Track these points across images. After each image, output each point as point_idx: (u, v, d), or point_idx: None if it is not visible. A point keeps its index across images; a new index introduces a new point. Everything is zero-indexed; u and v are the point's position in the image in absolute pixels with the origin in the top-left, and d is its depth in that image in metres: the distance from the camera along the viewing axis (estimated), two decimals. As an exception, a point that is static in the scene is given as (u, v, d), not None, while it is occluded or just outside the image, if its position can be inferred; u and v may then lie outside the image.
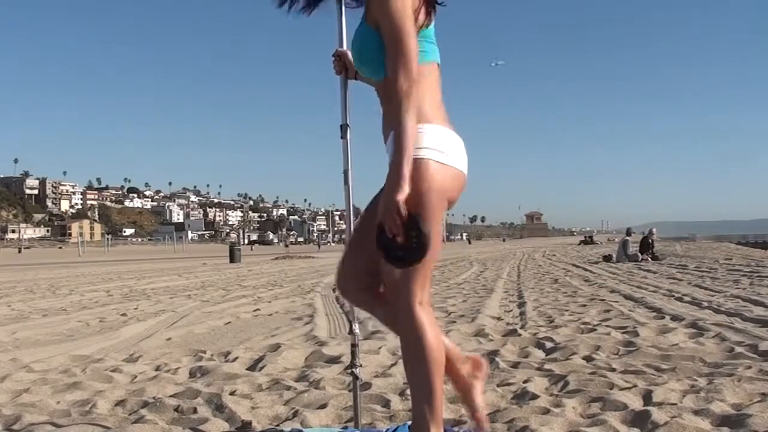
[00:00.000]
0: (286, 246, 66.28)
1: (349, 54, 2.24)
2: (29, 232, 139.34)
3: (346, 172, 2.20)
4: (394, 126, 1.76)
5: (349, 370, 2.27)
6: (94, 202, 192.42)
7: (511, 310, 6.29)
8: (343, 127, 2.22)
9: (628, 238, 16.75)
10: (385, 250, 1.77)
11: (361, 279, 1.96)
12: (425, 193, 1.76)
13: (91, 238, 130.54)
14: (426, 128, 1.82)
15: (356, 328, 2.22)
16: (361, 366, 2.24)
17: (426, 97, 1.87)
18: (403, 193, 1.70)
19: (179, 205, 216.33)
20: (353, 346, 2.21)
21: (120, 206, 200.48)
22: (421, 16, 1.83)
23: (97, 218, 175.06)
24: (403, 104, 1.75)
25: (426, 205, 1.76)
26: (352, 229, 2.19)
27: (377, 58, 1.84)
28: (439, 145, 1.82)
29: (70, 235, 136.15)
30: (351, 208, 2.28)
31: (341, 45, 2.29)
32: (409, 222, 1.72)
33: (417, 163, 1.77)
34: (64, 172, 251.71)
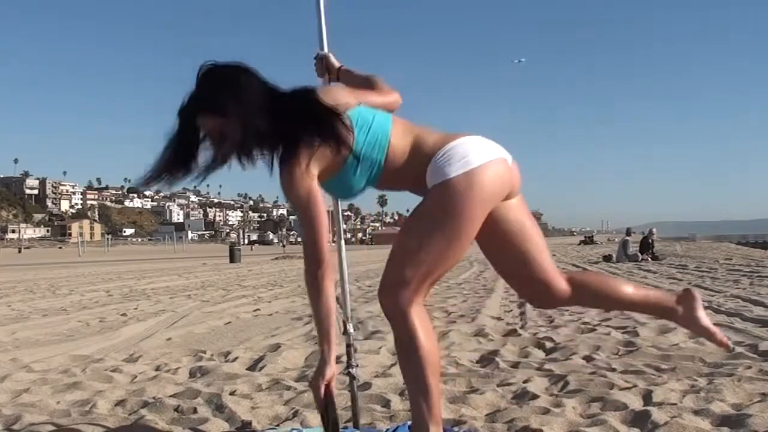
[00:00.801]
0: (283, 246, 66.33)
1: (331, 57, 2.27)
2: (29, 232, 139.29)
3: None
4: (311, 307, 1.86)
5: (346, 371, 2.27)
6: (94, 202, 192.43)
7: (511, 310, 6.29)
8: None
9: (628, 238, 16.76)
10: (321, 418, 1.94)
11: (531, 279, 1.98)
12: (464, 212, 1.77)
13: (91, 238, 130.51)
14: (455, 143, 1.83)
15: (350, 328, 2.22)
16: (357, 366, 2.24)
17: (422, 135, 1.88)
18: (324, 378, 1.86)
19: (179, 205, 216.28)
20: (348, 346, 2.21)
21: (120, 206, 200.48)
22: (340, 157, 1.81)
23: (97, 218, 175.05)
24: (315, 287, 1.82)
25: (459, 224, 1.77)
26: (342, 229, 2.32)
27: (344, 192, 1.93)
28: (475, 150, 1.82)
29: (70, 235, 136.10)
30: (340, 210, 2.30)
31: (322, 48, 2.30)
32: (325, 405, 1.89)
33: (468, 175, 1.77)
34: (64, 172, 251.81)
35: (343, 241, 2.34)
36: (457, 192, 1.77)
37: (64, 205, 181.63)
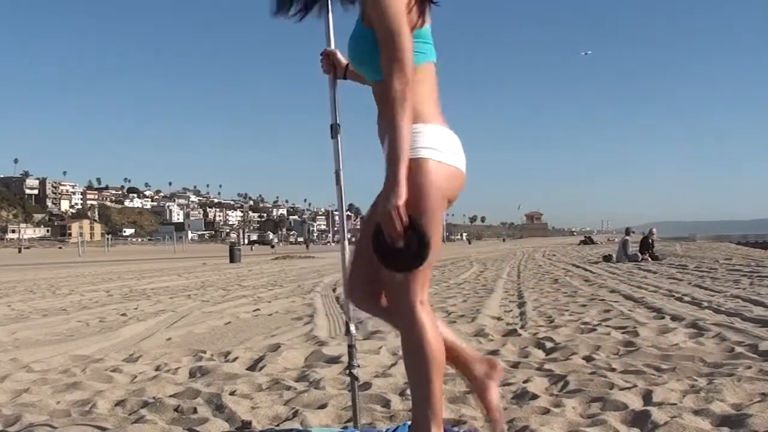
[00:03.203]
0: (272, 246, 66.46)
1: (338, 53, 2.25)
2: (29, 232, 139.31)
3: (338, 173, 2.20)
4: (388, 129, 1.75)
5: (348, 371, 2.27)
6: (94, 202, 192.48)
7: (511, 310, 6.28)
8: (334, 127, 2.21)
9: (627, 237, 16.75)
10: (385, 255, 1.74)
11: (371, 285, 1.95)
12: (426, 193, 1.77)
13: (91, 238, 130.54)
14: (424, 128, 1.83)
15: (353, 328, 2.22)
16: (358, 366, 2.24)
17: (424, 97, 1.87)
18: (402, 198, 1.69)
19: (179, 205, 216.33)
20: (350, 346, 2.21)
21: (120, 206, 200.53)
22: (415, 16, 1.82)
23: (97, 218, 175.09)
24: (398, 107, 1.73)
25: (427, 205, 1.76)
26: (346, 229, 2.23)
27: (374, 59, 1.83)
28: (438, 144, 1.82)
29: (70, 235, 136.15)
30: (344, 209, 2.29)
31: (329, 44, 2.29)
32: (410, 227, 1.70)
33: (417, 162, 1.77)
34: (64, 172, 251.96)
35: (346, 241, 2.34)
36: (414, 174, 1.75)
37: (64, 205, 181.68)
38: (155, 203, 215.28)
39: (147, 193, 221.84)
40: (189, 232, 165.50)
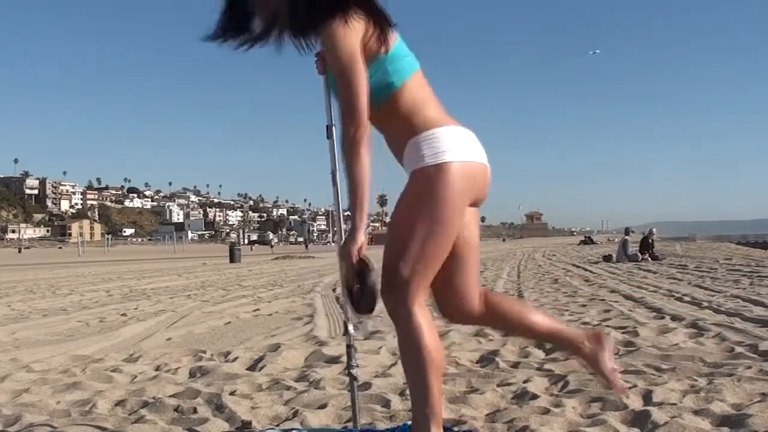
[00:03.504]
0: (271, 246, 66.75)
1: None
2: (29, 232, 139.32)
3: (333, 173, 2.20)
4: (347, 175, 1.78)
5: (347, 371, 2.27)
6: (94, 202, 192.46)
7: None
8: (329, 128, 2.21)
9: (627, 237, 16.74)
10: (348, 294, 1.84)
11: (452, 290, 1.97)
12: (443, 203, 1.77)
13: (91, 238, 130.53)
14: (440, 131, 1.83)
15: (351, 328, 2.22)
16: (357, 366, 2.24)
17: (426, 103, 1.87)
18: (356, 245, 1.76)
19: (179, 205, 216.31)
20: (349, 347, 2.21)
21: (120, 206, 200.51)
22: (376, 45, 1.81)
23: (97, 218, 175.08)
24: (352, 153, 1.76)
25: (442, 215, 1.77)
26: (343, 229, 2.25)
27: None
28: (457, 144, 1.82)
29: (70, 235, 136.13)
30: (341, 209, 2.29)
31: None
32: (359, 273, 1.77)
33: (439, 168, 1.78)
34: (64, 172, 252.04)
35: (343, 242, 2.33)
36: (434, 181, 1.77)
37: (64, 205, 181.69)
38: (155, 203, 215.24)
39: (147, 193, 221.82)
40: (189, 232, 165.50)
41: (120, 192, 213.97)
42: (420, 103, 1.86)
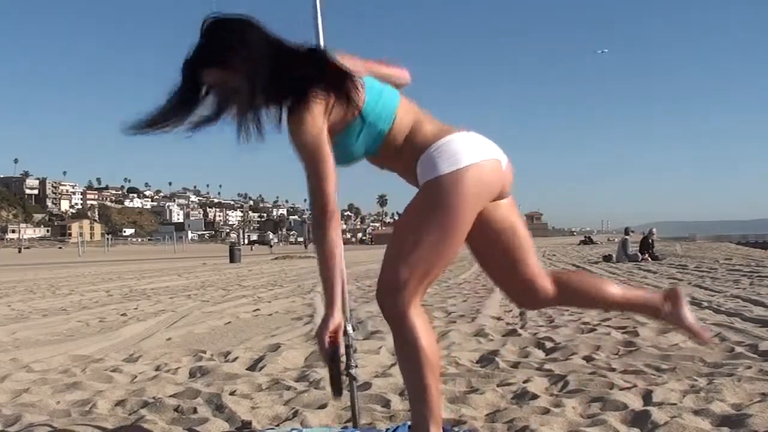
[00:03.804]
0: (270, 246, 66.92)
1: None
2: (29, 232, 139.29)
3: None
4: (316, 254, 1.83)
5: (346, 372, 2.27)
6: (94, 202, 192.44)
7: (511, 310, 6.28)
8: None
9: (627, 237, 16.74)
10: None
11: (522, 282, 1.99)
12: (457, 210, 1.77)
13: (91, 238, 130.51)
14: (449, 138, 1.84)
15: (350, 328, 2.22)
16: (357, 366, 2.24)
17: (419, 124, 1.88)
18: (327, 328, 1.83)
19: (179, 205, 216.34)
20: (348, 347, 2.21)
21: (120, 206, 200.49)
22: (346, 115, 1.80)
23: (97, 218, 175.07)
24: (319, 235, 1.81)
25: (454, 221, 1.77)
26: (340, 230, 2.26)
27: (342, 157, 1.87)
28: (465, 149, 1.82)
29: (70, 235, 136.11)
30: (338, 210, 2.29)
31: (318, 44, 2.29)
32: (331, 357, 1.86)
33: (454, 175, 1.77)
34: (64, 172, 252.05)
35: (340, 241, 2.34)
36: (447, 190, 1.77)
37: (64, 205, 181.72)
38: (155, 203, 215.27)
39: (147, 193, 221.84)
40: (189, 232, 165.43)
41: (120, 192, 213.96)
42: (415, 127, 1.87)
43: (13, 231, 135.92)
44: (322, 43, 2.30)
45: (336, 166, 1.91)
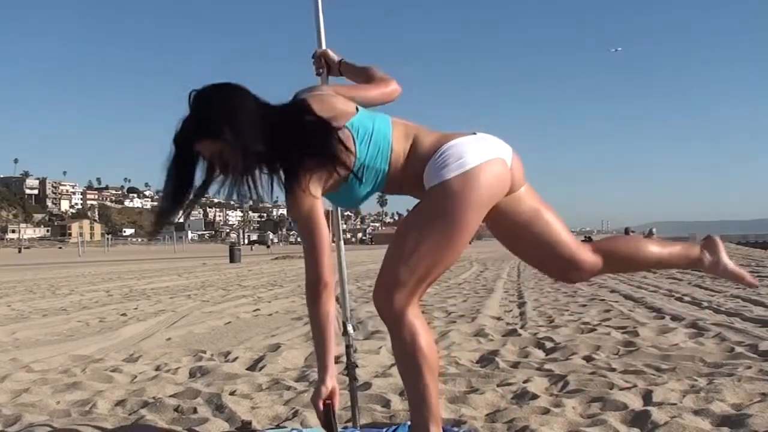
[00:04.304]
0: (268, 246, 67.09)
1: (329, 52, 2.27)
2: (29, 232, 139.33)
3: None
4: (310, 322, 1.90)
5: (346, 372, 2.27)
6: (94, 202, 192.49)
7: (511, 310, 6.29)
8: None
9: (627, 237, 16.75)
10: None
11: (557, 259, 1.99)
12: (461, 215, 1.77)
13: (91, 238, 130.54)
14: (454, 142, 1.83)
15: (350, 328, 2.22)
16: (357, 366, 2.24)
17: (417, 142, 1.88)
18: (319, 396, 1.89)
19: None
20: (348, 347, 2.21)
21: (120, 206, 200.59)
22: (341, 177, 1.82)
23: (97, 218, 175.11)
24: (312, 303, 1.85)
25: (456, 226, 1.77)
26: (340, 230, 2.31)
27: (351, 201, 1.93)
28: (469, 151, 1.81)
29: (70, 235, 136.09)
30: (339, 210, 2.30)
31: (320, 45, 2.30)
32: (325, 418, 1.90)
33: (466, 175, 1.77)
34: (64, 172, 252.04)
35: (342, 242, 2.34)
36: (453, 193, 1.76)
37: (64, 205, 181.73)
38: (155, 203, 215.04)
39: (147, 193, 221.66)
40: (189, 232, 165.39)
41: (120, 192, 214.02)
42: (414, 148, 1.87)
43: (13, 231, 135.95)
44: (324, 44, 2.30)
45: (348, 208, 1.97)
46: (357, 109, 1.92)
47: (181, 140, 1.79)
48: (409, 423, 1.97)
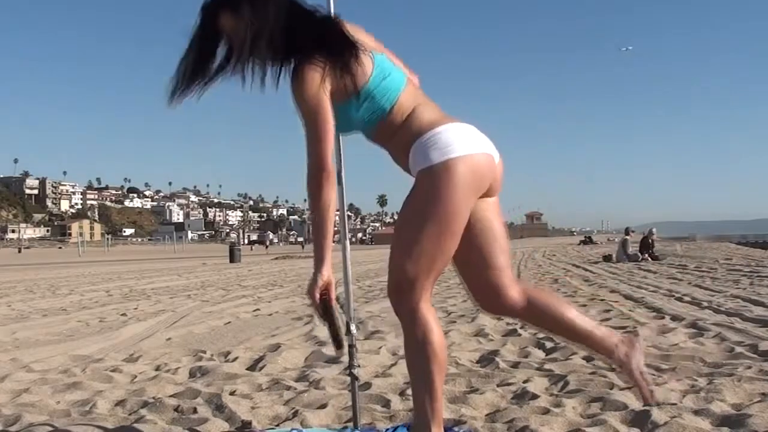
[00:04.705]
0: (266, 246, 67.14)
1: None
2: (29, 232, 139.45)
3: (339, 173, 2.21)
4: (310, 211, 1.84)
5: (348, 371, 2.27)
6: (94, 202, 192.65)
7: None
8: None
9: (627, 237, 16.75)
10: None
11: (483, 280, 1.94)
12: (445, 201, 1.77)
13: (91, 238, 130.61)
14: (440, 131, 1.84)
15: (353, 328, 2.22)
16: (359, 366, 2.24)
17: (422, 111, 1.88)
18: (318, 282, 1.83)
19: (179, 205, 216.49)
20: (350, 346, 2.21)
21: (120, 206, 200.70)
22: (347, 88, 1.83)
23: (97, 218, 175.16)
24: (313, 192, 1.81)
25: (448, 210, 1.78)
26: (347, 230, 2.29)
27: (341, 124, 1.89)
28: (459, 140, 1.82)
29: (70, 235, 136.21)
30: (345, 209, 2.29)
31: None
32: (324, 312, 1.84)
33: (444, 165, 1.78)
34: (64, 172, 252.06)
35: (348, 241, 2.34)
36: (438, 180, 1.78)
37: (64, 205, 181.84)
38: (155, 203, 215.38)
39: (147, 193, 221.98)
40: (189, 232, 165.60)
41: (120, 192, 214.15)
42: (416, 112, 1.88)
43: (13, 231, 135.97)
44: None
45: (343, 133, 1.97)
46: (382, 53, 1.96)
47: (207, 9, 1.86)
48: (409, 423, 1.97)
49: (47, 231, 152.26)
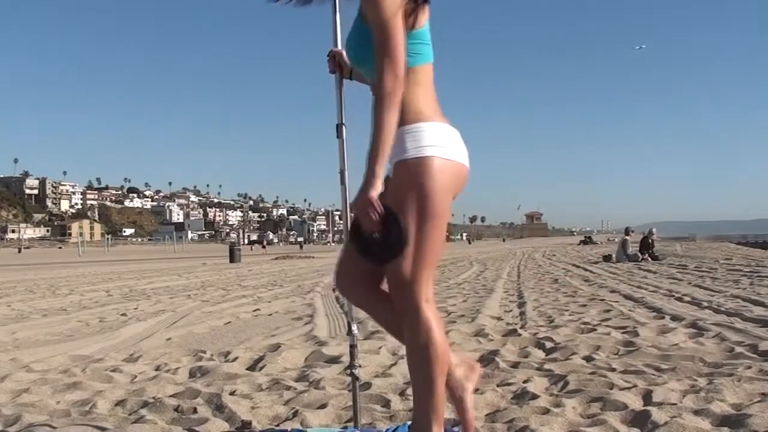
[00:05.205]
0: (263, 246, 67.08)
1: (344, 53, 2.25)
2: (29, 232, 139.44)
3: (342, 172, 2.21)
4: (373, 125, 1.77)
5: (349, 371, 2.26)
6: (94, 202, 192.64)
7: (511, 310, 6.29)
8: (339, 127, 2.22)
9: (627, 237, 16.75)
10: (364, 247, 1.80)
11: (362, 277, 1.96)
12: (432, 194, 1.78)
13: (91, 238, 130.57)
14: (426, 125, 1.84)
15: (355, 328, 2.22)
16: (360, 366, 2.24)
17: (422, 97, 1.88)
18: (376, 191, 1.72)
19: (179, 205, 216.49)
20: (352, 346, 2.21)
21: (120, 206, 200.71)
22: (412, 17, 1.83)
23: (97, 218, 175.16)
24: (386, 104, 1.76)
25: (432, 206, 1.78)
26: (348, 230, 2.23)
27: (373, 57, 1.83)
28: (441, 141, 1.83)
29: (70, 235, 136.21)
30: (348, 209, 2.28)
31: (336, 44, 2.30)
32: (386, 217, 1.73)
33: (422, 161, 1.79)
34: (64, 172, 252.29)
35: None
36: (415, 175, 1.78)
37: (64, 205, 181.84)
38: (155, 203, 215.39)
39: (147, 193, 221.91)
40: (189, 232, 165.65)
41: (120, 192, 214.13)
42: (417, 96, 1.87)
43: (13, 231, 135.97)
44: (339, 43, 2.29)
45: (352, 61, 2.01)
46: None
47: None
48: (409, 423, 1.97)
49: (47, 231, 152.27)
